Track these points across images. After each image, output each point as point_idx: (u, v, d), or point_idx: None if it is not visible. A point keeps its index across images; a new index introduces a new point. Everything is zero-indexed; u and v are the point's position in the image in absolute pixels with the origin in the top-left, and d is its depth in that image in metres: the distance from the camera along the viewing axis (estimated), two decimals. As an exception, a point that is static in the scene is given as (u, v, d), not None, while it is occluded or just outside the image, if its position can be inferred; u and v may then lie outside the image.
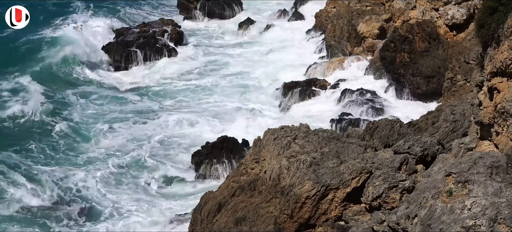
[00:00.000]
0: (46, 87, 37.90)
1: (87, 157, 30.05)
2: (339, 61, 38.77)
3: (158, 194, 27.10)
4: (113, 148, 31.04)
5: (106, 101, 37.22)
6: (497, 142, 13.41)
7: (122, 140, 31.91)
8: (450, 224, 10.68)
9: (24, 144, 30.90)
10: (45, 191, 26.48)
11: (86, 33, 47.19)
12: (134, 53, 44.80)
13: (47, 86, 38.08)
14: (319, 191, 15.56)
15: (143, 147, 31.03)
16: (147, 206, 25.94)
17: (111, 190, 27.13)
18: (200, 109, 36.30)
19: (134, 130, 33.15)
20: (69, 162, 29.57)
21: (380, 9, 41.01)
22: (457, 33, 34.97)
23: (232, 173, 20.14)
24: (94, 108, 36.21)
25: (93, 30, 48.29)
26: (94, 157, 30.10)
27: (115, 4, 57.01)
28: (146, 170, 29.05)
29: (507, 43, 12.63)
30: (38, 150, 30.43)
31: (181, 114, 35.21)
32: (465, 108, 19.21)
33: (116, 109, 35.99)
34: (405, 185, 14.94)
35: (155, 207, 25.79)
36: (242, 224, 16.60)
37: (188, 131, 33.09)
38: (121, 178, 28.22)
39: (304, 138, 17.71)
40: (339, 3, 43.70)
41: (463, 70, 30.78)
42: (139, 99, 37.78)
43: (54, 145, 31.17)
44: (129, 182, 27.95)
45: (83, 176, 28.01)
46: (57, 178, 27.68)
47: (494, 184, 11.01)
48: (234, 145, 29.23)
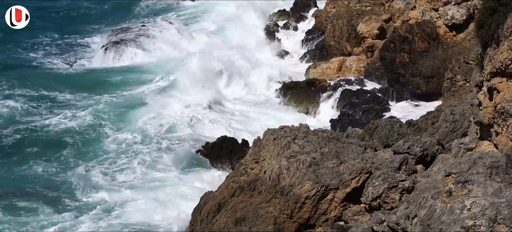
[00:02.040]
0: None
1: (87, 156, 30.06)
2: (339, 62, 38.79)
3: (158, 194, 27.03)
4: (112, 147, 30.98)
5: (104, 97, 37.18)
6: (496, 142, 13.42)
7: (121, 139, 31.85)
8: (450, 224, 10.68)
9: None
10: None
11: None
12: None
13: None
14: (319, 191, 15.57)
15: (143, 147, 30.98)
16: (146, 206, 25.87)
17: (111, 189, 27.08)
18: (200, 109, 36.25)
19: (135, 130, 33.08)
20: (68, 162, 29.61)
21: (379, 9, 41.02)
22: (456, 33, 34.98)
23: (232, 173, 20.14)
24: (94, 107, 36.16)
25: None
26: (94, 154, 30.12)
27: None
28: (146, 170, 28.98)
29: (506, 43, 12.64)
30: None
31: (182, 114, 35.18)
32: (465, 108, 19.21)
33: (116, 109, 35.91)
34: (404, 185, 14.94)
35: (155, 207, 25.73)
36: (241, 224, 16.61)
37: (188, 131, 33.04)
38: (120, 177, 28.15)
39: (303, 138, 17.71)
40: (338, 3, 43.70)
41: (463, 70, 30.78)
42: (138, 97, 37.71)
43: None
44: (129, 182, 27.88)
45: (83, 172, 28.07)
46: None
47: (494, 184, 11.01)
48: (234, 145, 29.23)
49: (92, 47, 47.97)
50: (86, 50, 47.58)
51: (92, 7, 60.85)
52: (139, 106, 35.44)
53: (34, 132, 31.97)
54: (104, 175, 27.92)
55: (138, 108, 35.11)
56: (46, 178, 27.72)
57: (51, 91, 37.77)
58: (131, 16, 57.96)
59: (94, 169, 28.47)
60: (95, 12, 59.52)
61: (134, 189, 26.65)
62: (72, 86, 38.82)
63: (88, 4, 61.52)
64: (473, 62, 25.07)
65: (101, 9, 60.32)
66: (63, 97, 37.21)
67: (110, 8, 60.59)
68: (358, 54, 39.60)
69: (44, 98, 36.69)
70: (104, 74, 41.59)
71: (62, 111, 34.71)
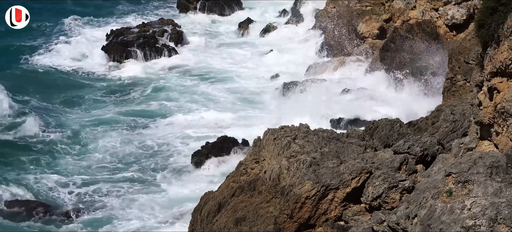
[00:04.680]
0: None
1: (87, 157, 30.03)
2: (339, 61, 38.78)
3: (157, 194, 27.07)
4: (112, 147, 31.00)
5: (104, 100, 37.19)
6: (497, 142, 13.41)
7: (121, 139, 31.88)
8: (450, 224, 10.67)
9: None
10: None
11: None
12: (134, 53, 44.85)
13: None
14: (319, 191, 15.56)
15: (143, 147, 31.03)
16: (146, 206, 25.92)
17: (110, 189, 27.11)
18: (200, 110, 36.29)
19: (134, 130, 33.12)
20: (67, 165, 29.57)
21: (380, 9, 41.00)
22: (457, 33, 34.98)
23: (232, 173, 20.13)
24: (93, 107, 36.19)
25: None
26: (94, 157, 30.07)
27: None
28: (146, 170, 29.03)
29: (507, 43, 12.63)
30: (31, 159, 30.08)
31: (181, 115, 35.21)
32: (465, 108, 19.20)
33: (115, 108, 35.96)
34: (405, 185, 14.93)
35: (155, 207, 25.77)
36: (242, 224, 16.59)
37: (188, 132, 33.07)
38: (119, 177, 28.19)
39: (304, 138, 17.70)
40: (338, 3, 43.70)
41: (463, 70, 30.73)
42: (138, 98, 37.75)
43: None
44: (129, 182, 27.92)
45: (83, 175, 28.04)
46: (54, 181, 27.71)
47: (494, 184, 11.00)
48: (234, 145, 29.23)
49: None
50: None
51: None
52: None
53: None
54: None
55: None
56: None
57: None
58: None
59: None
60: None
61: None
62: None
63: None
64: (473, 62, 25.09)
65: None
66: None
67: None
68: (358, 54, 39.59)
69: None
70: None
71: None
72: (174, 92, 39.19)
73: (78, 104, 36.97)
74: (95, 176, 28.12)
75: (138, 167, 29.22)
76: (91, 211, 25.34)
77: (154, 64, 44.26)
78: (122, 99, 37.83)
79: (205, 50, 47.49)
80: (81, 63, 44.21)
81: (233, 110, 36.07)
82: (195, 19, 55.14)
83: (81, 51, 45.89)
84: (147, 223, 24.59)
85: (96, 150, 30.90)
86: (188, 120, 34.58)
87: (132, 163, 29.60)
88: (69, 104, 36.90)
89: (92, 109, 36.01)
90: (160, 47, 45.79)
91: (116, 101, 37.60)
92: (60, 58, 44.64)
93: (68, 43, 48.21)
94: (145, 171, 28.87)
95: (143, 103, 37.09)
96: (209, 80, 41.17)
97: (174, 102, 37.44)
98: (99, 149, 30.92)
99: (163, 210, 25.59)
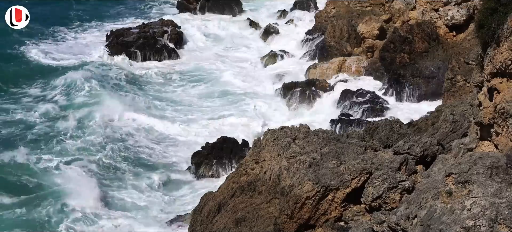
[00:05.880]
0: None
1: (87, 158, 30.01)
2: (339, 62, 38.78)
3: (158, 194, 27.06)
4: (112, 147, 30.96)
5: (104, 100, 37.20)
6: (497, 142, 13.41)
7: (120, 139, 31.86)
8: (450, 225, 10.67)
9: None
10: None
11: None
12: (134, 53, 44.88)
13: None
14: (319, 192, 15.56)
15: (143, 147, 31.01)
16: (147, 206, 25.91)
17: (110, 190, 27.09)
18: (200, 110, 36.30)
19: (134, 130, 33.09)
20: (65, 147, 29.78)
21: (380, 10, 41.02)
22: (457, 33, 34.98)
23: (232, 173, 20.13)
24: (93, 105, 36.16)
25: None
26: (94, 157, 30.04)
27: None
28: (146, 170, 29.01)
29: (506, 44, 12.63)
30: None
31: (181, 115, 35.21)
32: (465, 109, 19.21)
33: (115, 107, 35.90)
34: (405, 185, 14.94)
35: (155, 208, 25.76)
36: (242, 224, 16.59)
37: (188, 132, 33.06)
38: (120, 178, 28.17)
39: (304, 139, 17.69)
40: (339, 4, 43.71)
41: (463, 70, 30.78)
42: (138, 98, 37.72)
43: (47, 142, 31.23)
44: (129, 182, 27.90)
45: (81, 174, 28.01)
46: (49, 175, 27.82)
47: (494, 185, 11.00)
48: (234, 146, 29.22)
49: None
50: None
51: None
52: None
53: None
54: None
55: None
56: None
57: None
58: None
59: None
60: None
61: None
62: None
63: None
64: (473, 62, 25.09)
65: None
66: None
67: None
68: (358, 54, 39.59)
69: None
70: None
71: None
72: (173, 93, 39.20)
73: (76, 101, 36.95)
74: (92, 176, 28.05)
75: (137, 167, 29.20)
76: (89, 213, 25.28)
77: (154, 64, 44.25)
78: (121, 99, 37.77)
79: (205, 51, 47.48)
80: (81, 63, 44.15)
81: (232, 110, 36.07)
82: (195, 20, 55.13)
83: (81, 51, 45.85)
84: (147, 223, 24.57)
85: (94, 146, 30.91)
86: (188, 120, 34.58)
87: (132, 163, 29.56)
88: (68, 101, 36.91)
89: (91, 107, 35.93)
90: (160, 48, 45.79)
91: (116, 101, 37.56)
92: (60, 58, 44.60)
93: (68, 43, 48.20)
94: (144, 171, 28.84)
95: (143, 103, 37.04)
96: (209, 80, 41.17)
97: (173, 102, 37.43)
98: (97, 147, 30.90)
99: (163, 210, 25.59)
